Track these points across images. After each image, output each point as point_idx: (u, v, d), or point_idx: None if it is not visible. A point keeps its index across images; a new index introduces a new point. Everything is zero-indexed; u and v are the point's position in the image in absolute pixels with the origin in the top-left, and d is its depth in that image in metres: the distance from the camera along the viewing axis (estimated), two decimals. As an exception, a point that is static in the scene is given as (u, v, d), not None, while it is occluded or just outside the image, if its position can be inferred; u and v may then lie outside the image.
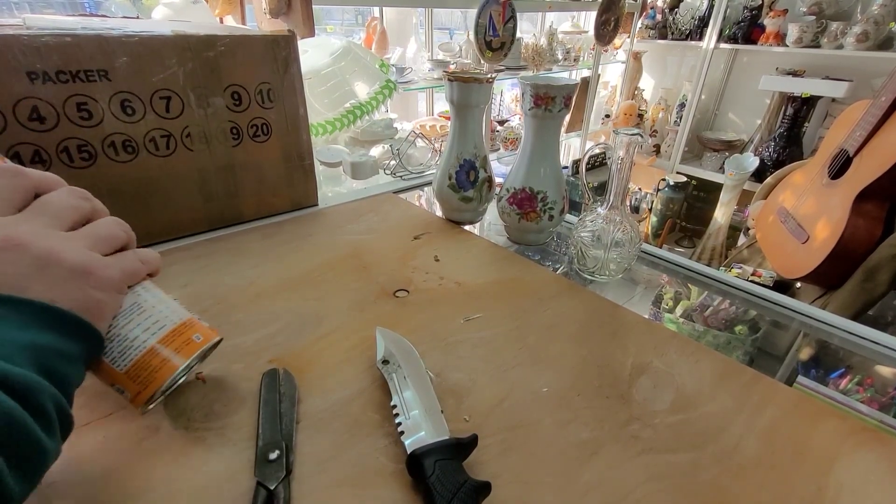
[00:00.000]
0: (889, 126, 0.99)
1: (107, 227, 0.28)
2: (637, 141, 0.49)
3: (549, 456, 0.31)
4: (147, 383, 0.28)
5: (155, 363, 0.28)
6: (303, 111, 0.62)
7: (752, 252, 1.39)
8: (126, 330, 0.28)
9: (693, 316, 0.67)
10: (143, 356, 0.28)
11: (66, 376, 0.24)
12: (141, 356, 0.28)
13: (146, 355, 0.28)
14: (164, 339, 0.29)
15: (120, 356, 0.27)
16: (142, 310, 0.29)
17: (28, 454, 0.21)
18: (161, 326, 0.29)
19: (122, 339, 0.28)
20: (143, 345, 0.28)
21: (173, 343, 0.29)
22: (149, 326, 0.29)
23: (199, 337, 0.30)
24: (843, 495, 0.30)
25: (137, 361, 0.28)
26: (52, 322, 0.23)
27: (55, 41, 0.43)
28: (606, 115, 2.60)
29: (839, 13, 1.90)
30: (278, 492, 0.27)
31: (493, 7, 1.43)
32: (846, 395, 0.50)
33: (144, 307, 0.29)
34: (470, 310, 0.46)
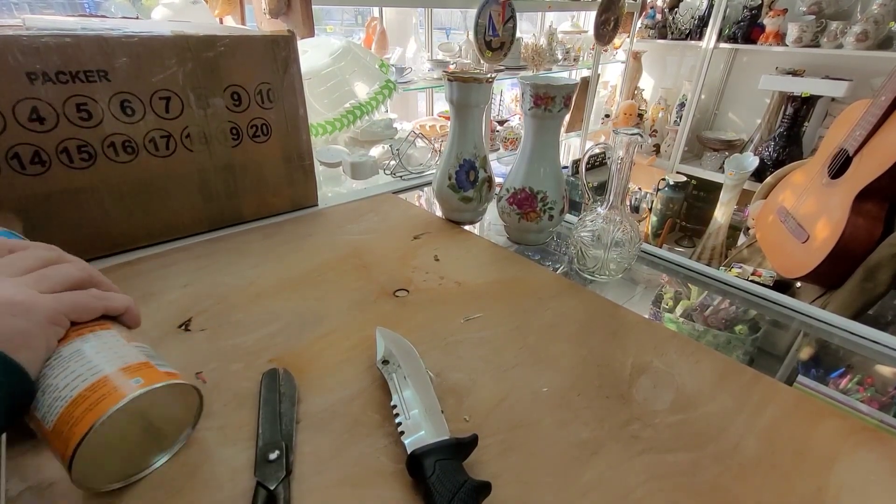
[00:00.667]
0: (889, 125, 0.99)
1: (59, 268, 0.26)
2: (637, 141, 0.49)
3: (549, 456, 0.31)
4: (67, 441, 0.22)
5: (77, 414, 0.22)
6: (302, 111, 0.62)
7: (752, 252, 1.39)
8: (58, 379, 0.24)
9: (693, 316, 0.67)
10: (65, 410, 0.23)
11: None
12: (63, 410, 0.23)
13: (70, 405, 0.23)
14: (96, 384, 0.23)
15: (48, 410, 0.23)
16: (81, 355, 0.24)
17: None
18: (97, 372, 0.24)
19: (52, 389, 0.23)
20: (70, 393, 0.23)
21: (105, 388, 0.23)
22: (82, 373, 0.24)
23: (139, 381, 0.24)
24: (843, 495, 0.30)
25: (60, 416, 0.23)
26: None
27: (55, 42, 0.43)
28: (606, 115, 2.60)
29: (839, 12, 1.90)
30: (278, 492, 0.27)
31: (492, 7, 1.43)
32: (846, 395, 0.50)
33: (86, 353, 0.25)
34: (470, 310, 0.46)
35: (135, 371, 0.25)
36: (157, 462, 0.28)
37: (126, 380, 0.24)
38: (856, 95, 1.57)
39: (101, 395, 0.23)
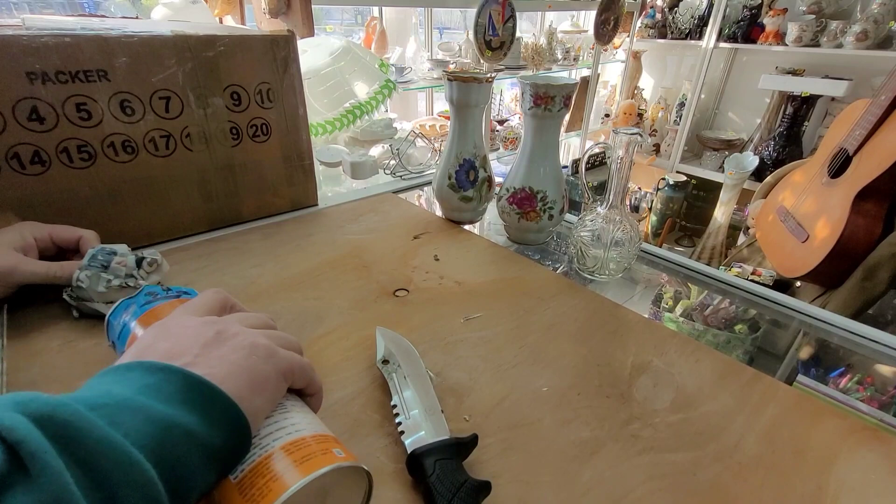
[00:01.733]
0: (889, 125, 0.99)
1: (284, 335, 0.27)
2: (636, 140, 0.49)
3: (549, 455, 0.31)
4: (258, 499, 0.19)
5: (271, 472, 0.20)
6: (302, 111, 0.62)
7: (752, 251, 1.39)
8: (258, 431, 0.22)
9: (693, 315, 0.67)
10: (260, 461, 0.20)
11: (188, 468, 0.18)
12: (261, 459, 0.20)
13: (264, 460, 0.20)
14: (293, 443, 0.21)
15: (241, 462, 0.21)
16: (285, 409, 0.23)
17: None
18: (295, 431, 0.22)
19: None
20: (268, 445, 0.21)
21: (301, 451, 0.21)
22: (285, 426, 0.22)
23: (340, 452, 0.22)
24: (843, 494, 0.30)
25: (256, 466, 0.20)
26: (198, 399, 0.19)
27: (54, 41, 0.43)
28: (606, 115, 2.60)
29: (839, 12, 1.90)
30: None
31: (492, 6, 1.43)
32: (846, 394, 0.50)
33: (289, 409, 0.24)
34: (470, 309, 0.46)
35: (335, 443, 0.23)
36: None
37: (328, 448, 0.22)
38: (856, 95, 1.57)
39: (305, 456, 0.21)
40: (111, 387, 0.19)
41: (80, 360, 0.37)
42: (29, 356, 0.37)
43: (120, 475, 0.16)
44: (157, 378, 0.19)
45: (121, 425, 0.17)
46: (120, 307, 0.32)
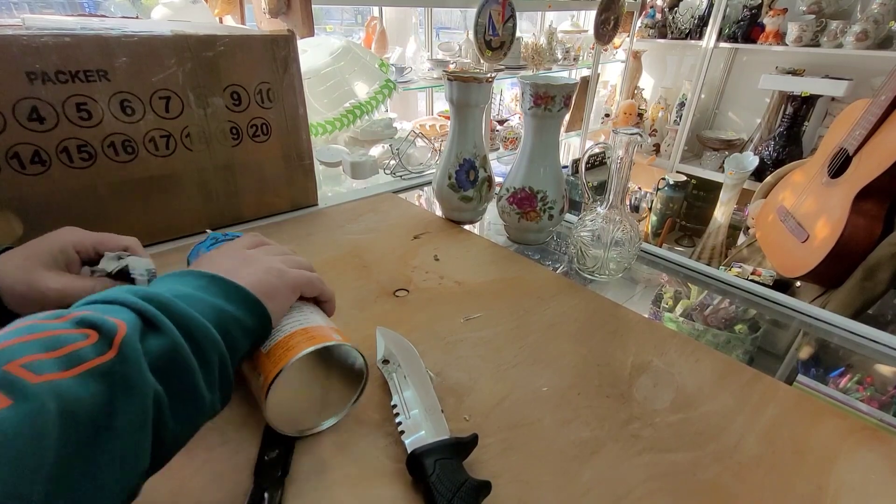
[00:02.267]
0: (889, 125, 0.99)
1: (297, 257, 0.36)
2: (636, 140, 0.49)
3: (549, 455, 0.31)
4: (278, 361, 0.29)
5: (290, 343, 0.30)
6: (302, 111, 0.62)
7: (752, 251, 1.39)
8: (279, 324, 0.31)
9: (693, 315, 0.67)
10: (283, 338, 0.31)
11: (237, 342, 0.28)
12: (282, 338, 0.31)
13: (286, 338, 0.30)
14: (308, 329, 0.31)
15: (269, 341, 0.31)
16: (301, 310, 0.33)
17: (187, 396, 0.24)
18: (312, 322, 0.32)
19: (274, 331, 0.31)
20: (287, 329, 0.31)
21: (314, 333, 0.31)
22: (300, 319, 0.32)
23: (339, 338, 0.31)
24: (843, 494, 0.30)
25: (278, 342, 0.30)
26: (237, 297, 0.28)
27: (54, 41, 0.43)
28: (606, 115, 2.59)
29: (839, 12, 1.90)
30: (272, 491, 0.27)
31: (492, 6, 1.43)
32: (846, 394, 0.50)
33: (305, 310, 0.33)
34: (470, 309, 0.46)
35: (336, 331, 0.32)
36: (325, 424, 0.33)
37: (331, 332, 0.32)
38: (856, 95, 1.57)
39: (312, 336, 0.30)
40: (175, 285, 0.27)
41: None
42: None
43: (201, 335, 0.25)
44: (205, 281, 0.28)
45: (193, 307, 0.25)
46: (192, 251, 0.42)
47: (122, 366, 0.21)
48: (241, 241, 0.37)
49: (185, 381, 0.24)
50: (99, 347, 0.21)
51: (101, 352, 0.21)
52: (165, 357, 0.23)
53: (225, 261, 0.32)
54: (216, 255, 0.34)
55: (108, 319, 0.22)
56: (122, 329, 0.22)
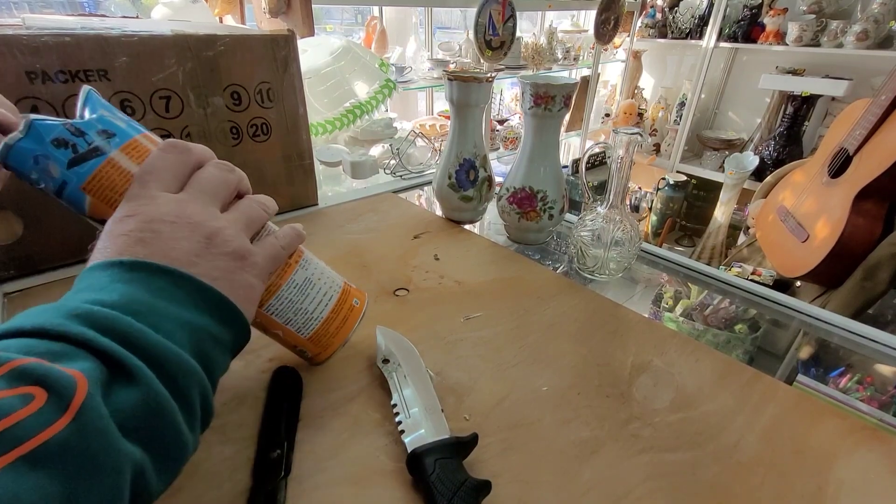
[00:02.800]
0: (889, 125, 0.99)
1: (253, 209, 0.29)
2: (637, 140, 0.49)
3: (549, 455, 0.31)
4: (327, 346, 0.35)
5: (332, 329, 0.35)
6: (302, 111, 0.62)
7: (752, 251, 1.39)
8: (305, 304, 0.33)
9: (693, 315, 0.67)
10: (321, 326, 0.34)
11: (216, 364, 0.23)
12: (320, 326, 0.34)
13: (324, 324, 0.34)
14: (335, 309, 0.35)
15: (304, 326, 0.33)
16: (312, 284, 0.33)
17: (170, 447, 0.20)
18: (330, 298, 0.34)
19: (303, 312, 0.33)
20: (320, 316, 0.34)
21: (341, 311, 0.35)
22: (321, 300, 0.34)
23: (357, 301, 0.37)
24: (843, 493, 0.30)
25: (318, 330, 0.34)
26: (208, 304, 0.23)
27: (54, 41, 0.43)
28: (606, 114, 2.59)
29: (839, 12, 1.90)
30: (274, 491, 0.27)
31: (492, 6, 1.43)
32: (846, 394, 0.50)
33: (313, 281, 0.34)
34: (470, 309, 0.46)
35: (352, 292, 0.37)
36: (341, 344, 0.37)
37: (352, 301, 0.36)
38: (856, 95, 1.57)
39: (344, 317, 0.35)
40: (124, 287, 0.21)
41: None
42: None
43: (178, 370, 0.20)
44: (165, 281, 0.22)
45: (161, 327, 0.20)
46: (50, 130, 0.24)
47: (82, 438, 0.15)
48: (179, 166, 0.26)
49: (167, 434, 0.19)
50: (47, 415, 0.15)
51: (50, 420, 0.15)
52: (141, 412, 0.18)
53: (178, 238, 0.23)
54: (167, 217, 0.23)
55: (59, 371, 0.16)
56: (82, 386, 0.16)
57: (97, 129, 0.25)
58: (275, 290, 0.31)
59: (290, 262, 0.32)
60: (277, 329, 0.33)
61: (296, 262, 0.33)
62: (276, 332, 0.33)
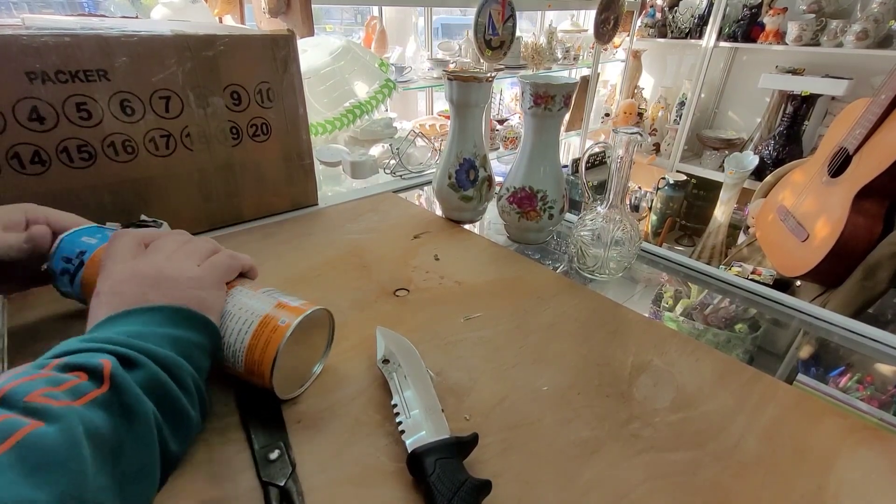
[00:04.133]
0: (889, 124, 0.99)
1: (202, 244, 0.35)
2: (636, 139, 0.49)
3: (549, 455, 0.31)
4: (261, 376, 0.32)
5: (256, 358, 0.32)
6: (302, 110, 0.62)
7: (752, 250, 1.39)
8: (228, 337, 0.32)
9: (693, 314, 0.67)
10: (245, 356, 0.32)
11: (200, 362, 0.29)
12: (245, 356, 0.32)
13: (247, 354, 0.32)
14: (254, 335, 0.32)
15: (234, 360, 0.32)
16: (231, 315, 0.33)
17: (179, 420, 0.26)
18: (249, 325, 0.33)
19: (229, 346, 0.32)
20: (242, 347, 0.32)
21: (262, 336, 0.32)
22: (241, 329, 0.32)
23: (283, 321, 0.32)
24: (843, 493, 0.30)
25: (245, 361, 0.32)
26: (181, 319, 0.29)
27: (54, 41, 0.43)
28: (606, 114, 2.60)
29: (839, 11, 1.90)
30: (289, 487, 0.27)
31: (492, 6, 1.43)
32: (846, 394, 0.50)
33: (233, 312, 0.33)
34: (470, 309, 0.46)
35: (280, 310, 0.33)
36: (316, 371, 0.37)
37: (277, 322, 0.32)
38: (856, 94, 1.57)
39: (266, 340, 0.32)
40: (118, 326, 0.27)
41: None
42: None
43: (171, 363, 0.26)
44: (151, 314, 0.28)
45: (160, 345, 0.27)
46: (69, 244, 0.37)
47: (119, 395, 0.23)
48: (126, 245, 0.33)
49: (174, 404, 0.26)
50: (92, 384, 0.22)
51: (97, 386, 0.22)
52: (151, 385, 0.25)
53: (132, 285, 0.30)
54: (121, 279, 0.30)
55: (90, 359, 0.23)
56: (108, 365, 0.23)
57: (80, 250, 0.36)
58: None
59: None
60: (228, 369, 0.33)
61: (231, 289, 0.35)
62: (228, 371, 0.34)
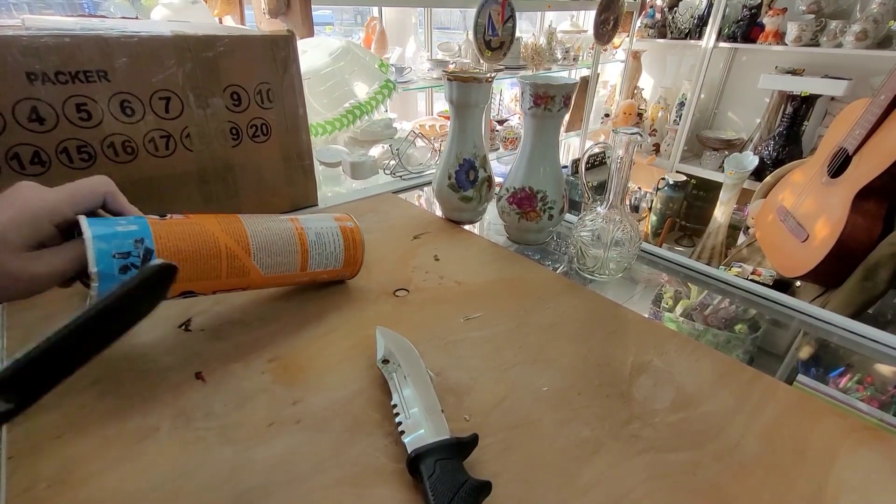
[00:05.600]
0: (888, 124, 0.99)
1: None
2: (636, 140, 0.49)
3: (549, 455, 0.31)
4: (355, 263, 0.48)
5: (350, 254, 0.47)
6: (302, 111, 0.62)
7: (752, 251, 1.39)
8: (321, 250, 0.44)
9: (693, 315, 0.67)
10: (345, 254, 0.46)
11: None
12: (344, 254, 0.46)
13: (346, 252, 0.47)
14: (345, 244, 0.46)
15: (335, 261, 0.46)
16: (320, 238, 0.44)
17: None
18: (336, 235, 0.46)
19: (328, 255, 0.45)
20: (339, 252, 0.46)
21: (349, 239, 0.47)
22: (333, 240, 0.46)
23: (350, 223, 0.48)
24: (843, 493, 0.30)
25: (344, 258, 0.46)
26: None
27: (54, 42, 0.43)
28: (606, 115, 2.60)
29: (838, 12, 1.90)
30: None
31: (492, 6, 1.43)
32: (846, 394, 0.50)
33: (322, 235, 0.45)
34: (470, 309, 0.46)
35: (342, 218, 0.48)
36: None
37: (347, 225, 0.48)
38: (855, 94, 1.57)
39: (353, 240, 0.47)
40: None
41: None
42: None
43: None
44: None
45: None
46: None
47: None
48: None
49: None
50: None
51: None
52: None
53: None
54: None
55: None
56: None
57: None
58: (306, 254, 0.42)
59: (298, 231, 0.42)
60: (323, 274, 0.44)
61: (302, 231, 0.42)
62: (322, 276, 0.45)
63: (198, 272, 0.35)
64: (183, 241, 0.34)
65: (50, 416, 0.32)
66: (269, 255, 0.39)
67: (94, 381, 0.35)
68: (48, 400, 0.22)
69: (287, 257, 0.41)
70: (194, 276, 0.35)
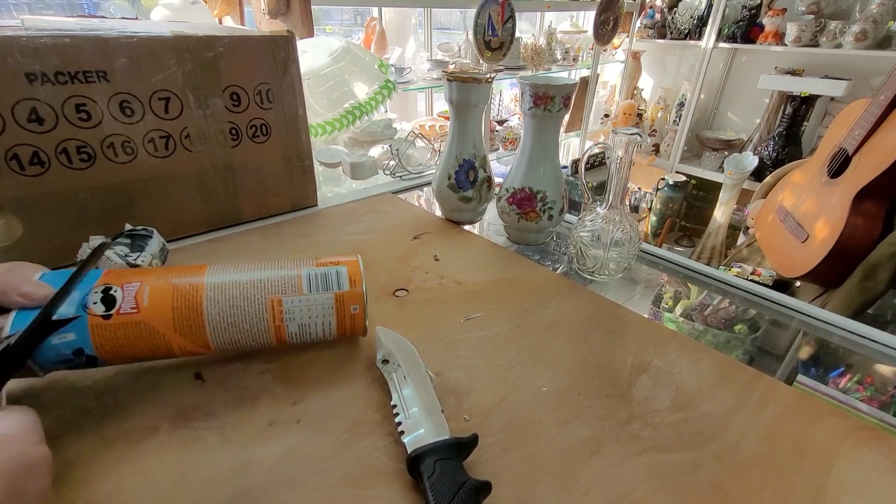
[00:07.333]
0: (888, 125, 0.99)
1: None
2: (636, 140, 0.49)
3: (549, 455, 0.31)
4: (358, 332, 0.39)
5: (347, 332, 0.38)
6: (302, 112, 0.62)
7: (752, 251, 1.39)
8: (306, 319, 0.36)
9: (693, 315, 0.67)
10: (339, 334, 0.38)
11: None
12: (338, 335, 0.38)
13: (339, 333, 0.38)
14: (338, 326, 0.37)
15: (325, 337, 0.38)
16: (305, 327, 0.36)
17: None
18: (328, 318, 0.37)
19: (308, 328, 0.36)
20: (331, 332, 0.38)
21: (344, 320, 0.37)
22: (322, 322, 0.37)
23: (355, 308, 0.37)
24: (843, 494, 0.30)
25: (338, 335, 0.38)
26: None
27: (54, 42, 0.43)
28: (605, 115, 2.60)
29: (838, 12, 1.90)
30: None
31: (491, 7, 1.43)
32: (846, 394, 0.50)
33: (305, 323, 0.36)
34: (470, 309, 0.46)
35: (345, 299, 0.37)
36: None
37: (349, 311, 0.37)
38: (855, 95, 1.58)
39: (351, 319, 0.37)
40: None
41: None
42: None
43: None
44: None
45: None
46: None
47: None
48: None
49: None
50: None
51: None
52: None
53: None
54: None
55: None
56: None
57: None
58: (282, 332, 0.35)
59: (276, 326, 0.35)
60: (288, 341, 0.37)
61: (282, 325, 0.35)
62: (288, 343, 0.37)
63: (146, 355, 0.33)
64: (129, 348, 0.32)
65: (49, 417, 0.32)
66: (235, 347, 0.35)
67: (94, 382, 0.35)
68: (48, 400, 0.22)
69: (257, 345, 0.36)
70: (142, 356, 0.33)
